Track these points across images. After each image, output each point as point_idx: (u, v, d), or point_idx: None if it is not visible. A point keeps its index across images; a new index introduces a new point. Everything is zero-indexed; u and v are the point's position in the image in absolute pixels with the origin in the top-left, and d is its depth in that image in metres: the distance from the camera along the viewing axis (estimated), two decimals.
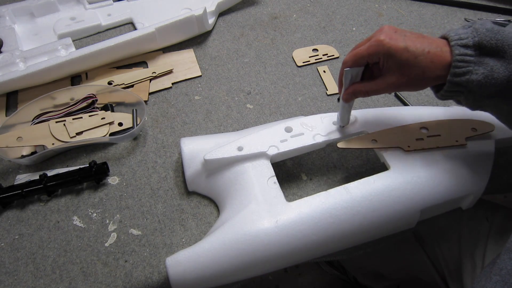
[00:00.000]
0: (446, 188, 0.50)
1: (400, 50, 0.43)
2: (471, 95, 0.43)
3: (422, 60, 0.43)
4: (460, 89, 0.43)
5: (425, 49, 0.43)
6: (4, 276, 0.50)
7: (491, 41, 0.41)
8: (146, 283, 0.49)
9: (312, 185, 0.58)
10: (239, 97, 0.69)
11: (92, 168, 0.56)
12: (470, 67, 0.42)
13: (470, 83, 0.42)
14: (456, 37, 0.43)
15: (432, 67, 0.43)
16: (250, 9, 0.83)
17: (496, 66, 0.41)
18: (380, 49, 0.44)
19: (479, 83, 0.41)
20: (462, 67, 0.42)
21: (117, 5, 0.80)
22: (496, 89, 0.41)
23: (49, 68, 0.65)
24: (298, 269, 1.17)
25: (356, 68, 0.47)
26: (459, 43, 0.42)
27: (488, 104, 0.44)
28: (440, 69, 0.43)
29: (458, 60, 0.42)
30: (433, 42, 0.44)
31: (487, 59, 0.42)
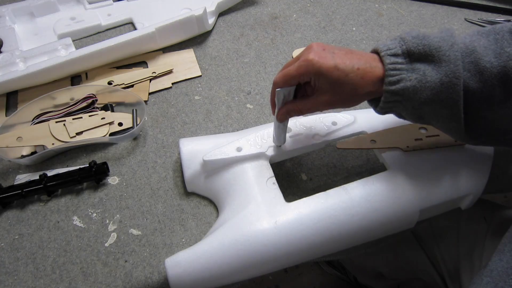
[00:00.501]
0: (445, 188, 0.50)
1: (330, 69, 0.43)
2: (409, 103, 0.43)
3: (352, 78, 0.43)
4: (397, 98, 0.43)
5: (354, 66, 0.43)
6: (4, 276, 0.50)
7: (418, 47, 0.42)
8: (146, 283, 0.49)
9: (312, 185, 0.58)
10: (239, 97, 0.69)
11: (92, 168, 0.56)
12: (403, 74, 0.42)
13: (405, 90, 0.42)
14: (385, 48, 0.43)
15: (363, 83, 0.43)
16: (250, 9, 0.83)
17: (427, 70, 0.41)
18: (310, 69, 0.44)
19: (414, 88, 0.41)
20: (395, 75, 0.42)
21: (117, 5, 0.80)
22: (431, 92, 0.41)
23: (49, 68, 0.65)
24: (298, 269, 1.17)
25: (288, 87, 0.47)
26: (388, 52, 0.43)
27: (427, 112, 0.43)
28: (371, 84, 0.43)
29: (390, 68, 0.42)
30: (362, 57, 0.44)
31: (418, 65, 0.42)
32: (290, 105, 0.48)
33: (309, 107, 0.47)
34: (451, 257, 0.65)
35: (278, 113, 0.49)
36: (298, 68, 0.44)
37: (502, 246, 0.40)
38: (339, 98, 0.45)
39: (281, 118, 0.49)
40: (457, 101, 0.41)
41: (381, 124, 0.56)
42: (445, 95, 0.41)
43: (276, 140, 0.53)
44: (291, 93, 0.48)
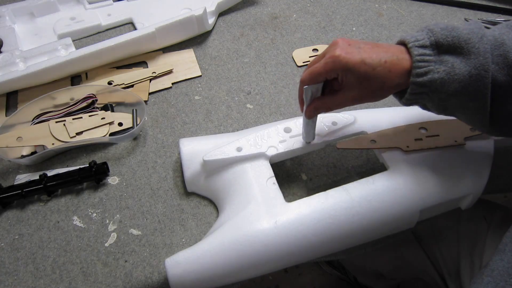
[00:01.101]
0: (446, 188, 0.50)
1: (357, 64, 0.43)
2: (436, 95, 0.43)
3: (380, 71, 0.43)
4: (424, 90, 0.43)
5: (381, 59, 0.43)
6: (4, 276, 0.50)
7: (447, 38, 0.41)
8: (146, 283, 0.49)
9: (312, 185, 0.58)
10: (239, 97, 0.69)
11: (92, 168, 0.56)
12: (431, 66, 0.42)
13: (433, 82, 0.41)
14: (412, 40, 0.43)
15: (390, 76, 0.43)
16: (250, 9, 0.83)
17: (456, 63, 0.41)
18: (337, 65, 0.43)
19: (442, 81, 0.41)
20: (423, 67, 0.42)
21: (117, 5, 0.80)
22: (460, 84, 0.41)
23: (49, 68, 0.65)
24: (298, 269, 1.17)
25: (315, 84, 0.47)
26: (416, 44, 0.42)
27: (454, 104, 0.43)
28: (399, 76, 0.43)
29: (418, 60, 0.42)
30: (389, 50, 0.44)
31: (447, 57, 0.42)
32: (318, 102, 0.48)
33: (337, 103, 0.47)
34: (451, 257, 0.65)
35: (307, 110, 0.49)
36: (325, 65, 0.44)
37: (503, 245, 0.40)
38: (367, 93, 0.45)
39: (310, 115, 0.49)
40: (485, 94, 0.41)
41: (381, 124, 0.56)
42: (473, 87, 0.40)
43: (305, 137, 0.54)
44: (319, 90, 0.48)
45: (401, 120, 0.57)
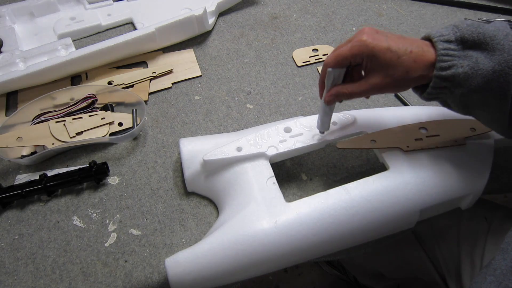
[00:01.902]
0: (446, 188, 0.50)
1: (383, 50, 0.43)
2: (458, 90, 0.43)
3: (405, 60, 0.43)
4: (446, 84, 0.43)
5: (407, 49, 0.43)
6: (4, 276, 0.50)
7: (473, 34, 0.42)
8: (146, 283, 0.49)
9: (312, 185, 0.58)
10: (239, 97, 0.69)
11: (92, 168, 0.56)
12: (455, 60, 0.42)
13: (456, 76, 0.42)
14: (438, 34, 0.44)
15: (415, 67, 0.43)
16: (250, 9, 0.83)
17: (480, 58, 0.41)
18: (364, 49, 0.44)
19: (466, 75, 0.41)
20: (447, 61, 0.42)
21: (117, 5, 0.81)
22: (483, 80, 0.41)
23: (49, 68, 0.65)
24: (298, 269, 1.17)
25: (339, 69, 0.47)
26: (441, 38, 0.43)
27: (475, 101, 0.43)
28: (423, 68, 0.43)
29: (443, 54, 0.42)
30: (415, 42, 0.45)
31: (471, 52, 0.42)
32: (340, 88, 0.47)
33: (360, 90, 0.46)
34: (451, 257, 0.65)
35: (327, 95, 0.48)
36: (351, 48, 0.44)
37: (506, 245, 0.40)
38: (391, 81, 0.45)
39: (330, 100, 0.48)
40: (507, 91, 0.41)
41: (381, 124, 0.56)
42: (496, 84, 0.41)
43: (320, 126, 0.53)
44: (341, 76, 0.47)
45: (401, 120, 0.57)
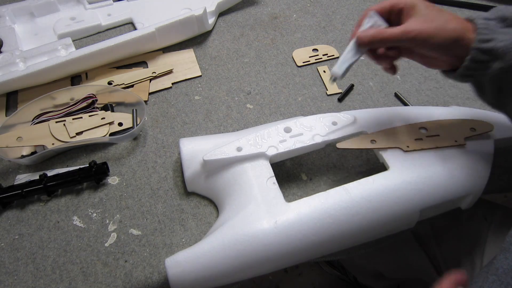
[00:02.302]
0: (446, 188, 0.50)
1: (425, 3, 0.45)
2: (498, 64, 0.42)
3: (445, 13, 0.44)
4: (485, 58, 0.42)
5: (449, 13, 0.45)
6: (4, 276, 0.50)
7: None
8: (146, 283, 0.49)
9: (312, 185, 0.58)
10: (239, 97, 0.69)
11: (92, 168, 0.56)
12: (495, 34, 0.42)
13: (496, 49, 0.42)
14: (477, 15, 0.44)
15: (454, 21, 0.44)
16: (250, 9, 0.83)
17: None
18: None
19: (506, 48, 0.41)
20: (487, 34, 0.42)
21: (117, 5, 0.81)
22: None
23: (49, 68, 0.65)
24: (298, 269, 1.17)
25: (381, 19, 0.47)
26: (481, 16, 0.44)
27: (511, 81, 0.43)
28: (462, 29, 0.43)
29: (483, 27, 0.43)
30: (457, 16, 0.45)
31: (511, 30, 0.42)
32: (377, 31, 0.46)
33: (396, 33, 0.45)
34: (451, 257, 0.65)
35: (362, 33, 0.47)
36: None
37: (507, 244, 0.40)
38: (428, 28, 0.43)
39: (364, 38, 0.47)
40: None
41: (381, 124, 0.56)
42: None
43: (337, 68, 0.48)
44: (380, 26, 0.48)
45: (401, 120, 0.57)
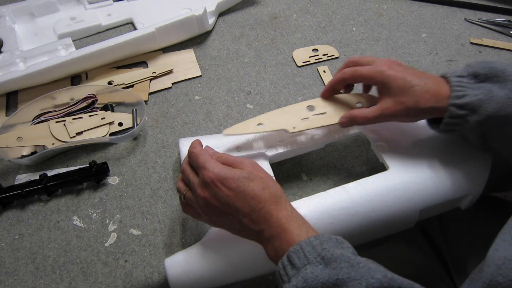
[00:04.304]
0: (445, 189, 0.50)
1: (397, 79, 0.46)
2: (475, 117, 0.44)
3: (417, 90, 0.45)
4: (462, 112, 0.44)
5: (421, 81, 0.46)
6: (4, 276, 0.50)
7: (484, 69, 0.44)
8: (146, 283, 0.49)
9: (312, 185, 0.58)
10: (239, 97, 0.69)
11: (92, 168, 0.56)
12: (468, 90, 0.44)
13: (471, 103, 0.43)
14: (451, 72, 0.46)
15: (426, 97, 0.45)
16: (250, 9, 0.83)
17: (493, 88, 0.43)
18: (379, 75, 0.47)
19: (480, 101, 0.43)
20: (462, 91, 0.44)
21: (117, 5, 0.81)
22: (498, 105, 0.42)
23: (49, 68, 0.65)
24: None
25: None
26: (454, 74, 0.46)
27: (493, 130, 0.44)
28: (434, 100, 0.45)
29: (457, 85, 0.44)
30: (432, 77, 0.47)
31: (483, 84, 0.44)
32: (356, 111, 0.50)
33: (372, 115, 0.48)
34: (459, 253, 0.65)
35: (343, 118, 0.51)
36: (369, 70, 0.48)
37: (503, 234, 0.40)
38: (402, 108, 0.47)
39: (344, 122, 0.51)
40: None
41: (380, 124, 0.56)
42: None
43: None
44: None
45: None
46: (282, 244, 0.39)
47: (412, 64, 0.73)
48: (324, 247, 0.37)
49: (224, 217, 0.43)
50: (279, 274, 0.39)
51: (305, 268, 0.36)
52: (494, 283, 0.31)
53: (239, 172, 0.42)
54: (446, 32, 0.79)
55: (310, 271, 0.36)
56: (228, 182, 0.41)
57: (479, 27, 0.80)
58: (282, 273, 0.38)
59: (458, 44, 0.77)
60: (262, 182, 0.42)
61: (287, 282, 0.37)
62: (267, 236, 0.41)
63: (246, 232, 0.43)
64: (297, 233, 0.39)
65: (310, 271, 0.36)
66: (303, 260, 0.37)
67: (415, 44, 0.77)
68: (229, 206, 0.41)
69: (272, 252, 0.41)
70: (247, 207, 0.41)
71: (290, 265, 0.37)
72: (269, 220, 0.40)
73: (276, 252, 0.40)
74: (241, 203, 0.41)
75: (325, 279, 0.35)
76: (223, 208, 0.42)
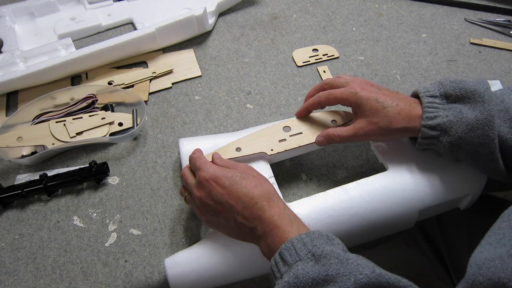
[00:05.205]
0: (445, 189, 0.50)
1: (370, 100, 0.48)
2: (446, 138, 0.45)
3: (389, 111, 0.47)
4: (434, 133, 0.46)
5: (394, 102, 0.47)
6: (4, 276, 0.50)
7: (455, 90, 0.46)
8: (146, 283, 0.50)
9: (312, 185, 0.58)
10: (239, 97, 0.69)
11: (92, 168, 0.56)
12: (440, 112, 0.46)
13: (442, 124, 0.45)
14: (424, 90, 0.48)
15: (398, 118, 0.47)
16: (250, 9, 0.83)
17: (463, 109, 0.45)
18: (352, 97, 0.49)
19: (451, 123, 0.45)
20: (432, 112, 0.46)
21: (117, 5, 0.81)
22: (467, 127, 0.44)
23: (49, 68, 0.65)
24: None
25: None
26: (427, 94, 0.47)
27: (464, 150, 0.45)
28: (406, 120, 0.47)
29: (428, 106, 0.46)
30: (404, 98, 0.48)
31: (455, 105, 0.46)
32: (332, 130, 0.52)
33: (347, 133, 0.50)
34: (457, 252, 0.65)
35: (319, 135, 0.53)
36: (343, 92, 0.50)
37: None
38: (375, 128, 0.48)
39: (320, 141, 0.53)
40: (492, 138, 0.43)
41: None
42: (481, 131, 0.43)
43: None
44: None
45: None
46: (274, 240, 0.40)
47: (412, 64, 0.73)
48: (314, 244, 0.38)
49: (219, 216, 0.44)
50: (272, 270, 0.40)
51: (296, 265, 0.37)
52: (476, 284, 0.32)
53: (232, 171, 0.44)
54: (446, 32, 0.79)
55: (301, 268, 0.37)
56: (221, 180, 0.43)
57: (479, 27, 0.80)
58: (275, 270, 0.39)
59: (458, 44, 0.77)
60: (254, 180, 0.44)
61: (280, 278, 0.38)
62: (260, 232, 0.42)
63: (241, 231, 0.44)
64: (289, 230, 0.40)
65: (301, 268, 0.37)
66: (295, 256, 0.38)
67: (415, 44, 0.77)
68: (223, 204, 0.43)
69: (266, 248, 0.42)
70: (240, 204, 0.42)
71: (282, 262, 0.38)
72: (261, 217, 0.42)
73: (269, 249, 0.41)
74: (234, 200, 0.42)
75: (315, 275, 0.36)
76: (217, 206, 0.43)
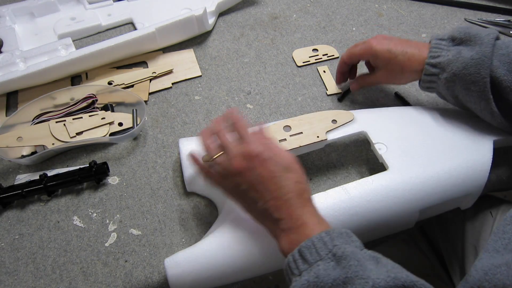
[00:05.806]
0: (445, 189, 0.50)
1: (383, 52, 0.57)
2: (444, 75, 0.52)
3: (400, 59, 0.56)
4: (434, 71, 0.53)
5: (404, 50, 0.56)
6: (4, 276, 0.50)
7: (461, 34, 0.53)
8: (146, 283, 0.50)
9: (312, 185, 0.58)
10: (239, 97, 0.69)
11: (92, 168, 0.56)
12: (443, 52, 0.53)
13: (441, 63, 0.52)
14: (437, 34, 0.56)
15: (408, 63, 0.55)
16: (250, 9, 0.83)
17: (463, 50, 0.51)
18: (368, 51, 0.58)
19: (449, 61, 0.52)
20: (437, 52, 0.53)
21: (117, 5, 0.80)
22: (462, 65, 0.50)
23: (49, 68, 0.65)
24: None
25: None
26: (436, 37, 0.55)
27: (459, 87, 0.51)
28: (416, 65, 0.55)
29: (434, 47, 0.54)
30: (414, 45, 0.56)
31: (458, 47, 0.53)
32: (361, 77, 0.64)
33: (371, 80, 0.63)
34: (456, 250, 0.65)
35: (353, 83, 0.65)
36: (360, 49, 0.60)
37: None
38: (391, 74, 0.58)
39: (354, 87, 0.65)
40: (483, 77, 0.49)
41: (381, 124, 0.56)
42: (474, 69, 0.49)
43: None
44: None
45: (401, 119, 0.57)
46: (299, 237, 0.40)
47: None
48: (335, 244, 0.38)
49: (250, 193, 0.44)
50: (288, 266, 0.40)
51: (317, 264, 0.37)
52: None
53: (281, 159, 0.44)
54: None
55: (322, 268, 0.37)
56: (269, 164, 0.43)
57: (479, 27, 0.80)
58: (293, 266, 0.39)
59: None
60: (297, 176, 0.44)
61: (298, 275, 0.38)
62: (284, 226, 0.42)
63: (263, 215, 0.44)
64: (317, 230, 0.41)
65: (322, 268, 0.37)
66: (315, 256, 0.38)
67: None
68: (262, 184, 0.43)
69: (286, 243, 0.41)
70: (277, 192, 0.42)
71: (301, 259, 0.39)
72: (292, 212, 0.42)
73: (290, 244, 0.41)
74: (274, 187, 0.43)
75: (336, 276, 0.36)
76: (254, 184, 0.43)
